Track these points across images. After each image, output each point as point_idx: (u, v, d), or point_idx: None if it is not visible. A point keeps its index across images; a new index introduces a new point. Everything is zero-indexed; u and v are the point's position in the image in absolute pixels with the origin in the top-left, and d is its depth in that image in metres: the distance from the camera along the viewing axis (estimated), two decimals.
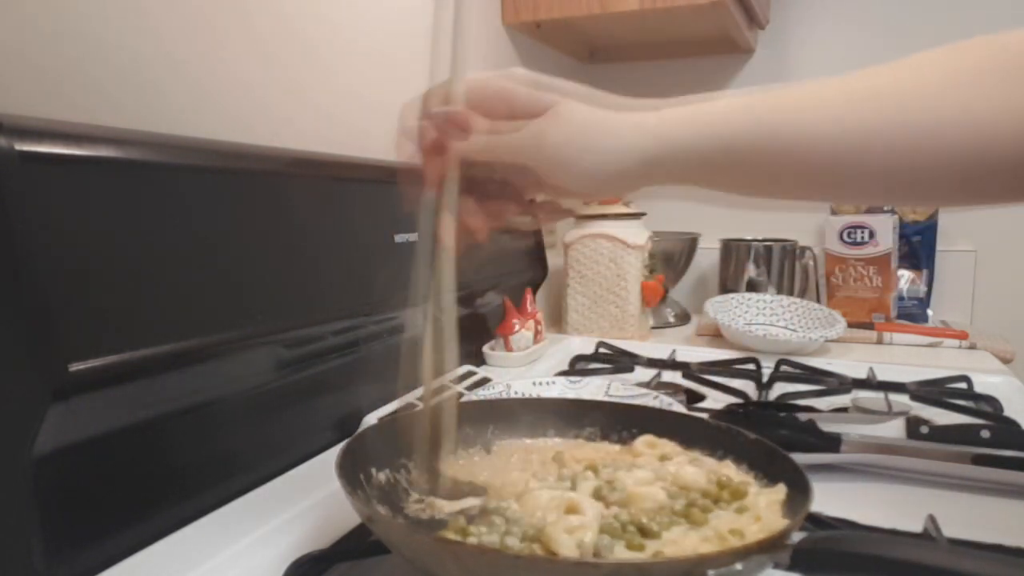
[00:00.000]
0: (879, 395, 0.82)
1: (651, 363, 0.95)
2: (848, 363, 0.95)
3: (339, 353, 0.66)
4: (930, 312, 1.29)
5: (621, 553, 0.37)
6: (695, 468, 0.46)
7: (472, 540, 0.38)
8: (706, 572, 0.32)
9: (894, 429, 0.66)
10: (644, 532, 0.39)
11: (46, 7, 0.49)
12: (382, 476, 0.48)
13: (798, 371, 0.92)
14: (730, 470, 0.47)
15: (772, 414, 0.69)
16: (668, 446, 0.51)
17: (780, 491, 0.43)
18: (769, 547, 0.33)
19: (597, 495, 0.43)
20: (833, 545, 0.33)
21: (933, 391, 0.81)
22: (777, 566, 0.34)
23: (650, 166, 0.42)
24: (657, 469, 0.47)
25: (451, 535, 0.39)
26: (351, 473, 0.43)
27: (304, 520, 0.51)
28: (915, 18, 1.31)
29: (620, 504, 0.42)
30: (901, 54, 0.43)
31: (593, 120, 0.43)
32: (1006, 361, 1.02)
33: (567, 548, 0.36)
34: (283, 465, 0.61)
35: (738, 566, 0.32)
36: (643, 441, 0.52)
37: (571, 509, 0.40)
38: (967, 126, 0.38)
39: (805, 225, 1.39)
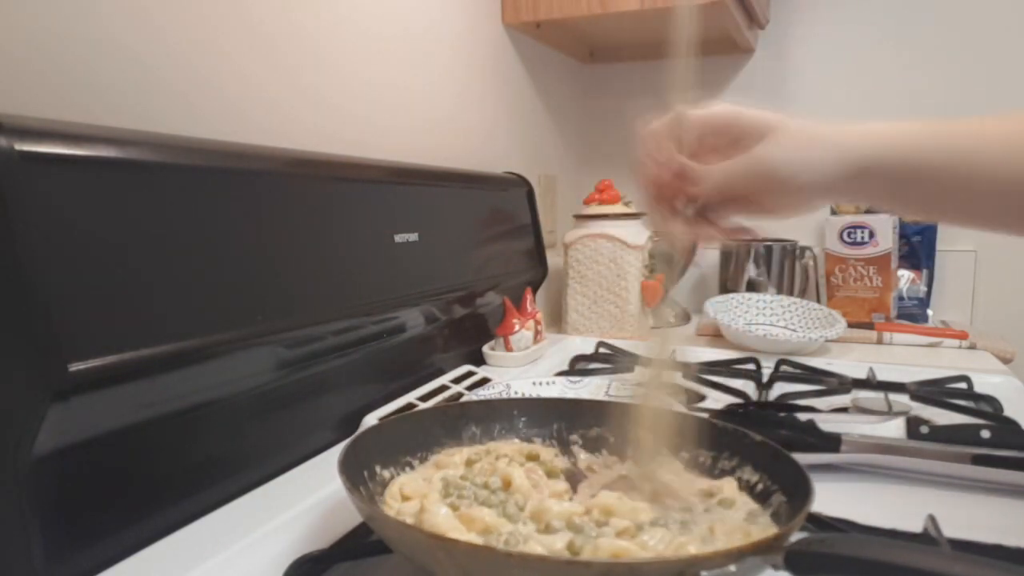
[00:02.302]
0: (879, 395, 0.82)
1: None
2: (848, 363, 0.95)
3: (339, 353, 0.66)
4: (930, 312, 1.29)
5: (609, 542, 0.38)
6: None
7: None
8: (699, 573, 0.32)
9: (894, 429, 0.66)
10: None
11: (46, 7, 0.49)
12: (386, 473, 0.49)
13: (798, 371, 0.92)
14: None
15: (772, 414, 0.69)
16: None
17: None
18: (763, 549, 0.33)
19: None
20: (826, 547, 0.33)
21: (933, 391, 0.81)
22: (775, 567, 0.34)
23: (858, 173, 0.46)
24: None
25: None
26: (352, 471, 0.43)
27: (304, 520, 0.51)
28: (915, 18, 1.31)
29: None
30: (900, 54, 0.44)
31: (807, 135, 0.47)
32: (1006, 361, 1.02)
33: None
34: (283, 465, 0.61)
35: (732, 567, 0.32)
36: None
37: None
38: None
39: (805, 225, 1.39)
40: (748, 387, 0.85)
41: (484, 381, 0.82)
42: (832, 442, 0.60)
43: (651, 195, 0.50)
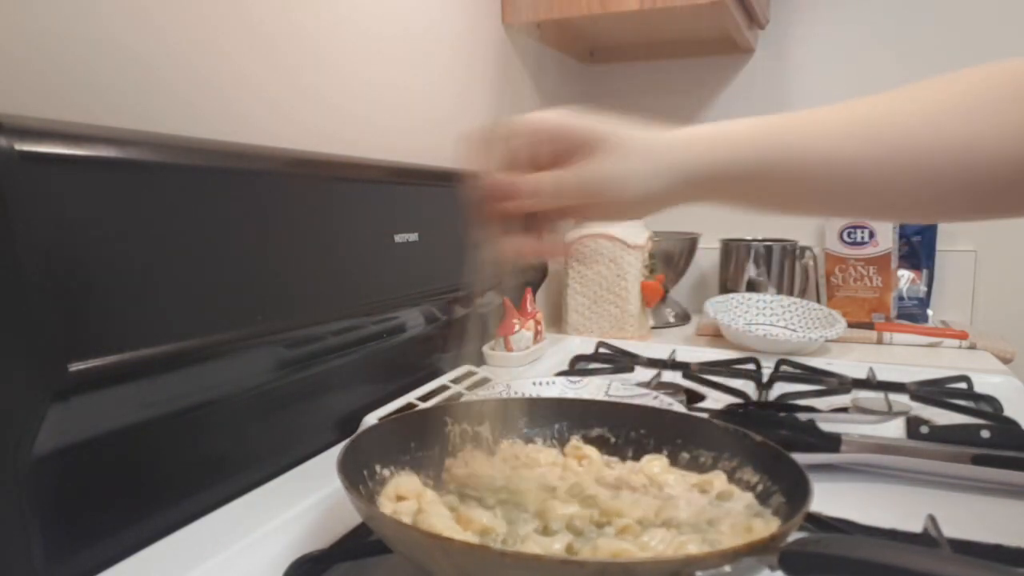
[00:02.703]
0: (879, 395, 0.82)
1: (651, 363, 0.95)
2: (848, 363, 0.95)
3: (339, 353, 0.66)
4: (930, 312, 1.29)
5: (608, 543, 0.38)
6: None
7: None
8: (694, 573, 0.32)
9: (894, 429, 0.66)
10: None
11: (46, 7, 0.49)
12: (386, 473, 0.49)
13: (798, 371, 0.92)
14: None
15: (772, 414, 0.69)
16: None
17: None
18: (759, 549, 0.33)
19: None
20: (820, 548, 0.33)
21: (933, 391, 0.81)
22: (770, 567, 0.34)
23: (686, 184, 0.45)
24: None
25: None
26: (352, 471, 0.43)
27: (304, 520, 0.51)
28: (915, 18, 1.31)
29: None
30: (901, 54, 0.44)
31: (637, 147, 0.46)
32: (1006, 361, 1.02)
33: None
34: (283, 465, 0.61)
35: (726, 568, 0.32)
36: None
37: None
38: (974, 147, 0.40)
39: (805, 225, 1.39)
40: (748, 387, 0.85)
41: (484, 381, 0.82)
42: (832, 442, 0.60)
43: (480, 208, 0.48)
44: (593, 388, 0.76)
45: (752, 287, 1.30)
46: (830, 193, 0.44)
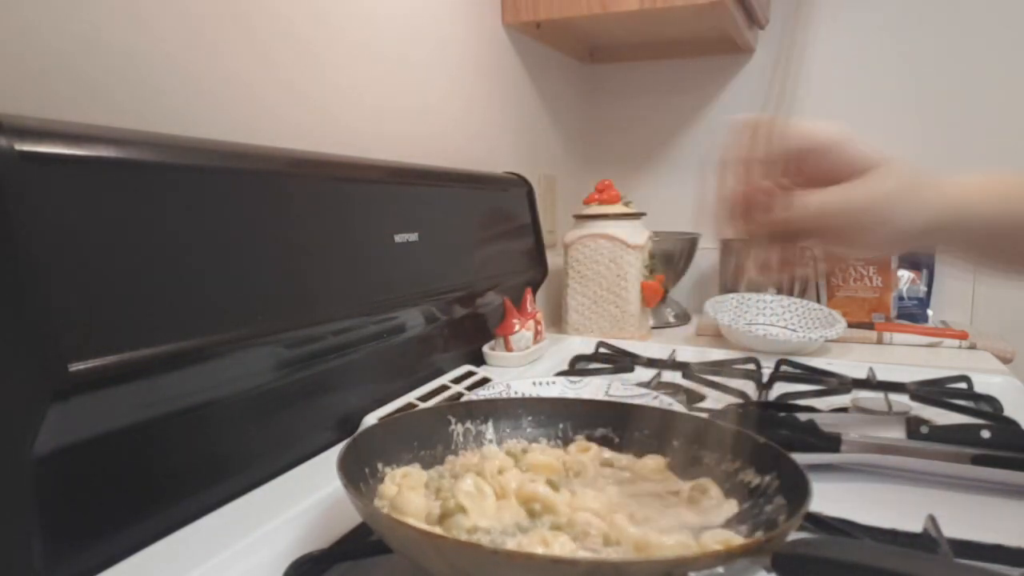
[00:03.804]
0: (879, 395, 0.82)
1: (651, 363, 0.95)
2: (848, 363, 0.95)
3: (339, 353, 0.66)
4: (930, 312, 1.29)
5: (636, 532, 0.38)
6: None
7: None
8: (686, 573, 0.32)
9: (894, 429, 0.66)
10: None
11: (45, 8, 0.49)
12: (387, 471, 0.49)
13: (798, 371, 0.92)
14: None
15: (772, 414, 0.69)
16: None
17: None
18: (752, 551, 0.33)
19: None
20: (813, 550, 0.33)
21: (933, 391, 0.81)
22: (765, 569, 0.34)
23: (935, 230, 0.44)
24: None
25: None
26: (352, 470, 0.43)
27: (304, 520, 0.51)
28: (914, 18, 1.31)
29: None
30: (900, 54, 0.43)
31: (911, 178, 0.44)
32: (1006, 361, 1.02)
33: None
34: (283, 465, 0.61)
35: (719, 569, 0.32)
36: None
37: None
38: None
39: None
40: (748, 387, 0.85)
41: (484, 381, 0.82)
42: (832, 442, 0.60)
43: (731, 210, 0.45)
44: (593, 388, 0.76)
45: (752, 287, 1.30)
46: None
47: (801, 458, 0.44)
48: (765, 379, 0.88)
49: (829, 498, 0.50)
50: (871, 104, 1.35)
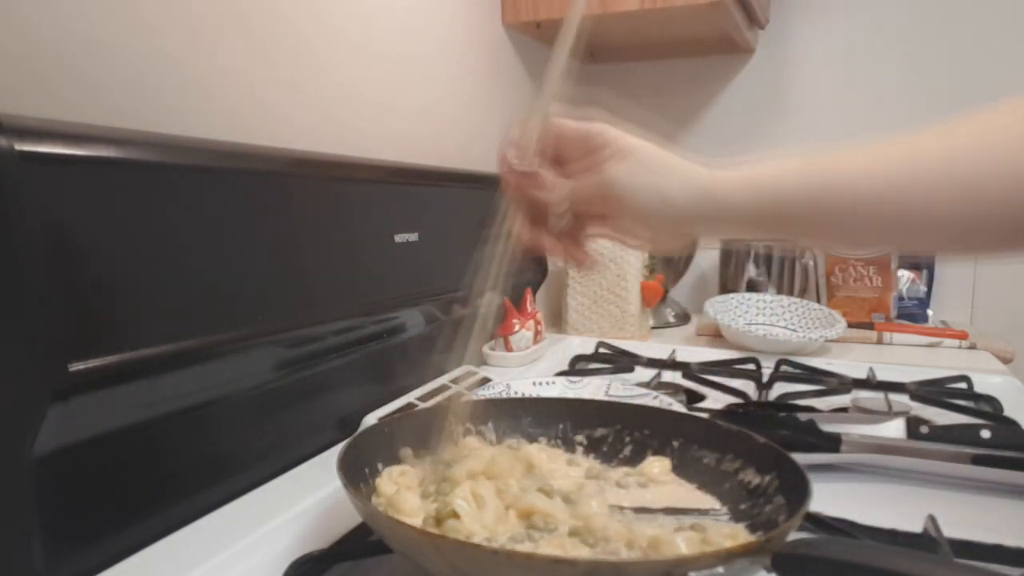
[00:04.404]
0: (879, 395, 0.82)
1: (651, 363, 0.95)
2: (848, 363, 0.95)
3: (339, 353, 0.66)
4: (930, 312, 1.29)
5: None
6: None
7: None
8: (687, 573, 0.32)
9: (894, 429, 0.66)
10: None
11: (44, 8, 0.49)
12: (387, 471, 0.49)
13: (798, 371, 0.92)
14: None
15: (772, 414, 0.69)
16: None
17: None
18: (753, 551, 0.33)
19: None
20: (813, 550, 0.33)
21: (933, 391, 0.81)
22: (765, 569, 0.34)
23: (701, 211, 0.46)
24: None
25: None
26: (352, 470, 0.43)
27: (304, 520, 0.51)
28: (914, 17, 1.31)
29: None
30: (900, 53, 0.43)
31: (653, 160, 0.47)
32: (1006, 361, 1.02)
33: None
34: (283, 465, 0.61)
35: (719, 569, 0.32)
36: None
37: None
38: (1009, 179, 0.39)
39: None
40: (748, 387, 0.85)
41: (484, 381, 0.82)
42: (832, 442, 0.60)
43: (509, 195, 0.50)
44: (593, 388, 0.76)
45: (752, 287, 1.30)
46: (853, 231, 0.45)
47: (801, 458, 0.44)
48: (765, 379, 0.88)
49: (829, 498, 0.50)
50: (871, 104, 1.34)
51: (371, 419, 0.68)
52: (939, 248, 0.46)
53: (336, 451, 0.46)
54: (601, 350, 1.02)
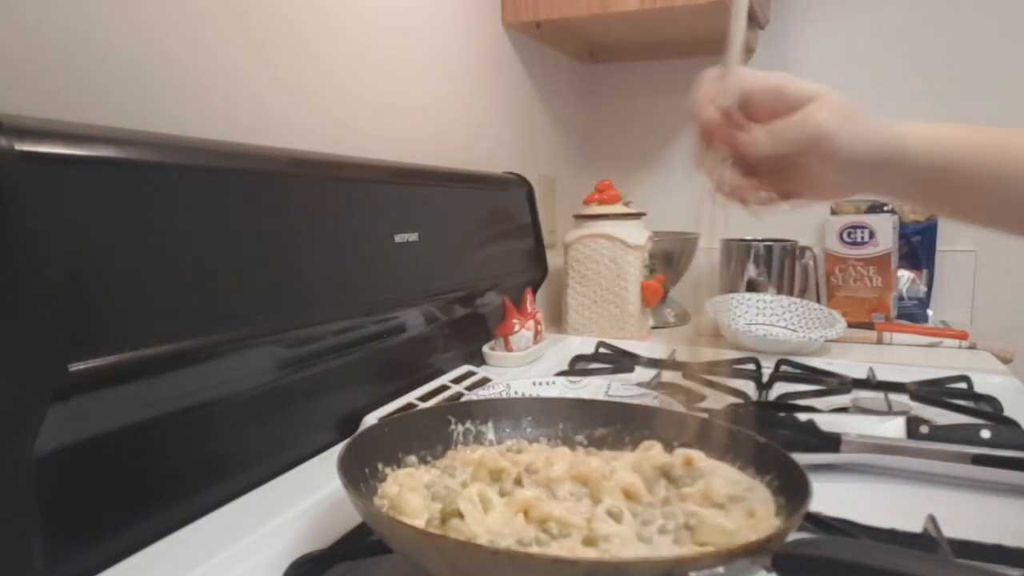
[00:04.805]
0: (879, 395, 0.82)
1: (651, 363, 0.95)
2: (848, 363, 0.95)
3: (339, 353, 0.66)
4: (930, 312, 1.29)
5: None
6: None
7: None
8: (687, 573, 0.32)
9: (894, 429, 0.66)
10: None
11: (44, 9, 0.49)
12: (387, 472, 0.49)
13: (798, 371, 0.92)
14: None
15: (772, 414, 0.69)
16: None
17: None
18: (753, 551, 0.33)
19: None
20: (813, 550, 0.33)
21: (933, 391, 0.81)
22: (766, 568, 0.34)
23: (884, 165, 0.48)
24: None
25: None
26: (352, 470, 0.43)
27: (304, 520, 0.51)
28: (914, 17, 1.31)
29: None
30: (900, 53, 0.45)
31: (851, 110, 0.49)
32: (1006, 361, 1.02)
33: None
34: (283, 465, 0.61)
35: (719, 568, 0.32)
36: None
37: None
38: None
39: (805, 225, 1.39)
40: (748, 387, 0.85)
41: (484, 381, 0.82)
42: (832, 442, 0.60)
43: (702, 135, 0.51)
44: (593, 388, 0.76)
45: (752, 287, 1.30)
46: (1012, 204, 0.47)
47: (801, 458, 0.44)
48: (765, 379, 0.88)
49: (829, 498, 0.50)
50: (872, 104, 1.34)
51: (371, 419, 0.68)
52: None
53: (336, 451, 0.46)
54: (601, 350, 1.02)
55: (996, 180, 0.46)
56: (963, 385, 0.84)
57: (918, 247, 1.29)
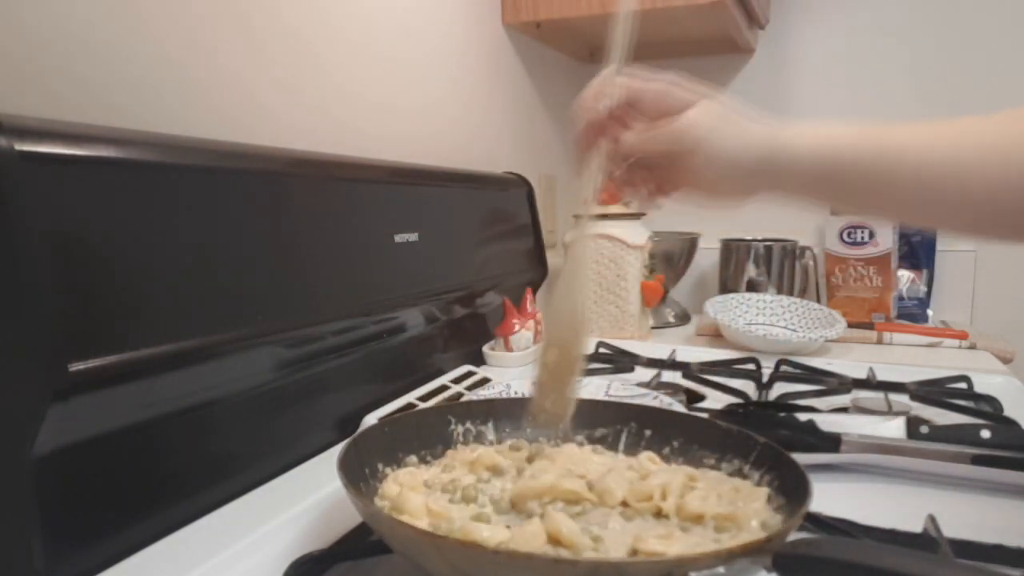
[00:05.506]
0: (879, 395, 0.82)
1: (651, 363, 0.95)
2: (848, 363, 0.95)
3: (339, 353, 0.66)
4: (930, 312, 1.29)
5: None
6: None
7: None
8: (687, 573, 0.32)
9: (894, 429, 0.66)
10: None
11: (44, 9, 0.49)
12: (387, 472, 0.49)
13: (798, 371, 0.92)
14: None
15: (772, 414, 0.69)
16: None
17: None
18: (753, 551, 0.33)
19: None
20: (813, 550, 0.33)
21: (933, 391, 0.81)
22: (766, 568, 0.34)
23: (765, 167, 0.49)
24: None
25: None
26: (352, 469, 0.43)
27: (304, 520, 0.51)
28: (915, 17, 1.31)
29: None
30: (900, 54, 0.44)
31: (729, 114, 0.50)
32: (1006, 361, 1.02)
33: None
34: (283, 465, 0.61)
35: (720, 568, 0.32)
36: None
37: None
38: None
39: (805, 225, 1.39)
40: (748, 387, 0.85)
41: (484, 381, 0.82)
42: (832, 442, 0.60)
43: (585, 131, 0.52)
44: (593, 388, 0.76)
45: (752, 287, 1.30)
46: (911, 198, 0.46)
47: (801, 458, 0.44)
48: (765, 379, 0.88)
49: (829, 498, 0.50)
50: (872, 104, 1.34)
51: (371, 419, 0.68)
52: (981, 229, 0.48)
53: (336, 451, 0.46)
54: (601, 350, 1.02)
55: (885, 182, 0.46)
56: (963, 385, 0.83)
57: (918, 247, 1.29)
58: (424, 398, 0.75)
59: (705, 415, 0.60)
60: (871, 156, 0.46)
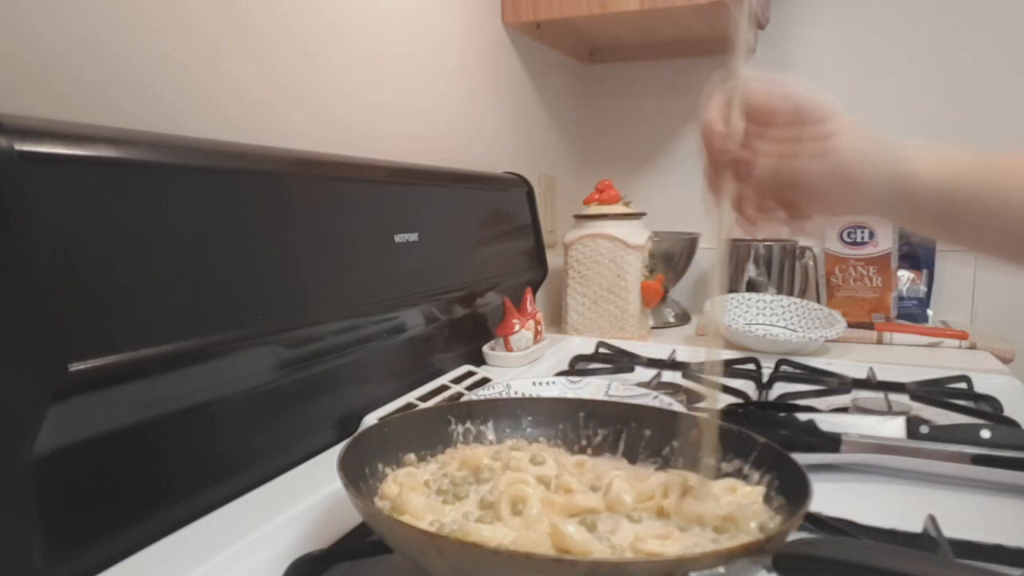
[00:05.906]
0: (879, 395, 0.82)
1: (651, 363, 0.95)
2: (848, 363, 0.95)
3: (339, 353, 0.66)
4: (930, 312, 1.29)
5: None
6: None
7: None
8: (687, 574, 0.32)
9: (894, 429, 0.66)
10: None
11: (44, 10, 0.49)
12: (387, 472, 0.49)
13: (798, 371, 0.92)
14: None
15: (772, 414, 0.69)
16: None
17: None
18: (753, 551, 0.33)
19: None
20: (813, 550, 0.33)
21: (933, 391, 0.81)
22: (766, 568, 0.34)
23: (892, 196, 0.47)
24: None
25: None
26: (352, 469, 0.43)
27: (304, 520, 0.51)
28: (914, 18, 1.31)
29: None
30: (900, 54, 0.44)
31: (867, 133, 0.47)
32: (1006, 361, 1.02)
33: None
34: (283, 465, 0.61)
35: (720, 569, 0.32)
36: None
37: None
38: None
39: None
40: (748, 387, 0.85)
41: (484, 381, 0.82)
42: (832, 442, 0.60)
43: (711, 168, 0.49)
44: (593, 388, 0.76)
45: (752, 287, 1.30)
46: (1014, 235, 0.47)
47: (801, 458, 0.44)
48: (765, 379, 0.88)
49: (829, 498, 0.50)
50: (872, 104, 1.34)
51: (371, 419, 0.68)
52: None
53: (336, 451, 0.46)
54: (601, 350, 1.02)
55: (997, 211, 0.46)
56: (963, 385, 0.84)
57: (918, 247, 1.29)
58: (424, 398, 0.75)
59: (705, 415, 0.60)
60: (993, 184, 0.46)
